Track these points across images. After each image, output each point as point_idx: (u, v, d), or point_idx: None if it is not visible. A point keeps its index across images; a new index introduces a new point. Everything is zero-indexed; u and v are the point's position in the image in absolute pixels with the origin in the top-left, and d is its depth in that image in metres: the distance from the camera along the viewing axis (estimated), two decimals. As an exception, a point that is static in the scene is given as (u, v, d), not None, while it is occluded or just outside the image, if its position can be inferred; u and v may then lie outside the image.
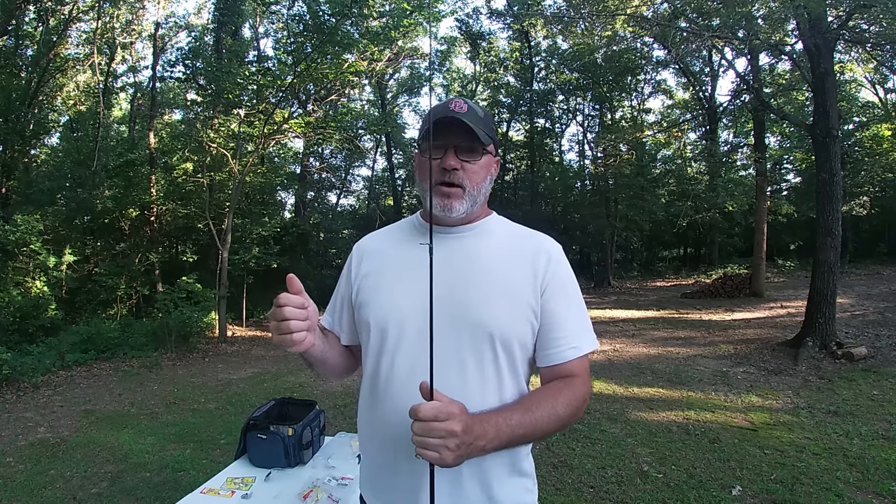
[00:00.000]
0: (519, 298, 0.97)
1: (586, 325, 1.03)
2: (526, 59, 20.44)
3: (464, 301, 0.95)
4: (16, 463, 3.86)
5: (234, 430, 4.11)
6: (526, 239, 1.05)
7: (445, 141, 0.98)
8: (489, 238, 1.04)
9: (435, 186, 0.99)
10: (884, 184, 16.66)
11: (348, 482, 1.88)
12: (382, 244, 1.11)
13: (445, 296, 0.93)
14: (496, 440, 0.84)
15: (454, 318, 0.94)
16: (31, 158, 13.91)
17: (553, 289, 0.99)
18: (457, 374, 0.93)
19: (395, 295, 1.00)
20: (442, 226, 1.04)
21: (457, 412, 0.79)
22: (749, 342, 7.16)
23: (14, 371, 6.13)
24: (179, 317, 8.82)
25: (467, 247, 1.02)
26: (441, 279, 0.93)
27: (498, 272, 0.98)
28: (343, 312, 1.12)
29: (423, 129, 1.02)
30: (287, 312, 0.86)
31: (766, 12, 7.06)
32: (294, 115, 11.82)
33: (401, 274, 1.02)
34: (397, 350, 0.97)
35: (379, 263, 1.07)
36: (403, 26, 10.03)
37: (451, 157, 0.98)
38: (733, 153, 18.24)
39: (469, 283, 0.97)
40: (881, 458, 3.26)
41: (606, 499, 2.94)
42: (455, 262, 1.00)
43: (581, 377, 0.98)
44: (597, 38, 12.21)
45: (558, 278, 1.01)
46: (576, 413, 0.95)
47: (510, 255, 1.01)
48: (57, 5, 11.58)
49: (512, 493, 0.99)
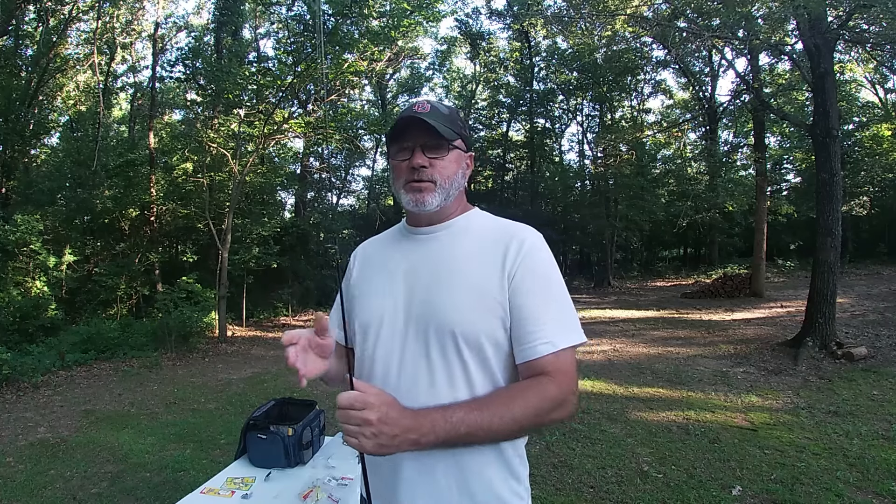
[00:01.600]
0: (486, 294, 0.94)
1: (565, 318, 0.96)
2: (526, 59, 20.43)
3: (429, 301, 0.97)
4: (16, 463, 3.86)
5: (234, 430, 4.11)
6: (500, 232, 1.01)
7: (412, 142, 1.00)
8: (464, 235, 1.04)
9: (406, 184, 1.01)
10: (884, 184, 16.68)
11: (348, 482, 1.88)
12: (371, 251, 1.15)
13: (416, 297, 0.98)
14: (432, 435, 0.83)
15: (420, 319, 0.97)
16: (31, 158, 13.92)
17: (521, 280, 0.94)
18: (426, 374, 0.94)
19: (373, 298, 1.04)
20: (419, 226, 1.06)
21: (374, 402, 0.80)
22: (749, 342, 7.16)
23: (14, 371, 6.13)
24: (179, 317, 8.82)
25: (441, 246, 1.03)
26: (413, 281, 1.00)
27: (466, 269, 0.97)
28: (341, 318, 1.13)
29: (388, 134, 1.04)
30: (289, 353, 0.89)
31: (766, 12, 7.05)
32: (294, 115, 11.82)
33: (380, 278, 1.06)
34: (375, 351, 1.01)
35: (367, 270, 1.11)
36: (403, 26, 10.04)
37: (419, 156, 0.99)
38: (733, 153, 18.26)
39: (437, 283, 0.98)
40: (881, 458, 3.25)
41: (606, 499, 2.94)
42: (428, 263, 1.02)
43: (554, 375, 0.91)
44: (597, 38, 12.22)
45: (528, 269, 0.95)
46: (541, 415, 0.89)
47: (481, 251, 0.99)
48: (57, 5, 11.58)
49: (498, 493, 0.96)
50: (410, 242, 1.07)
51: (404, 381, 0.95)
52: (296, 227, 14.91)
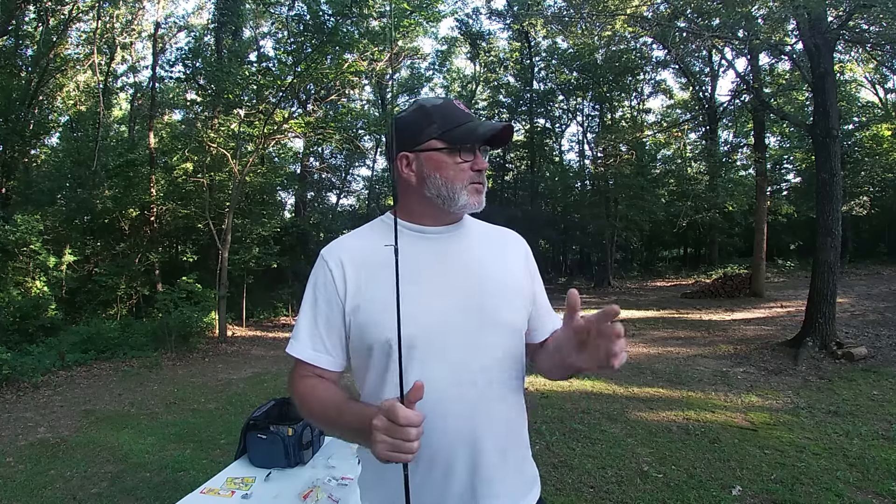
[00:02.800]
0: (525, 291, 1.07)
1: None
2: (526, 59, 20.43)
3: (487, 305, 0.99)
4: (16, 463, 3.86)
5: (234, 430, 4.11)
6: (505, 234, 1.15)
7: (481, 146, 1.04)
8: (474, 234, 1.09)
9: (470, 185, 1.01)
10: (884, 184, 16.68)
11: (348, 482, 1.88)
12: (365, 253, 1.00)
13: (472, 302, 0.98)
14: None
15: (484, 322, 0.98)
16: (31, 158, 13.90)
17: (535, 277, 1.13)
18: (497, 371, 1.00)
19: (427, 300, 0.95)
20: (433, 226, 1.03)
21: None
22: (749, 342, 7.16)
23: (14, 371, 6.13)
24: (179, 317, 8.81)
25: (468, 245, 1.05)
26: (456, 285, 0.98)
27: (502, 270, 1.05)
28: (331, 338, 1.00)
29: (443, 125, 0.99)
30: (415, 434, 0.78)
31: (766, 12, 7.05)
32: (294, 115, 11.82)
33: (418, 281, 0.96)
34: (425, 362, 0.92)
35: (371, 275, 0.98)
36: (403, 26, 10.04)
37: (482, 160, 1.03)
38: (733, 153, 18.25)
39: (485, 285, 1.01)
40: (881, 458, 3.25)
41: (606, 499, 2.94)
42: (463, 263, 1.02)
43: None
44: (597, 38, 12.22)
45: (535, 267, 1.15)
46: None
47: (504, 251, 1.10)
48: (57, 5, 11.58)
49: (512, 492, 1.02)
50: (428, 242, 1.02)
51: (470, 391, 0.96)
52: (296, 227, 14.92)
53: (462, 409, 0.94)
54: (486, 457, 0.96)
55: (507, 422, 1.01)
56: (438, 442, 0.93)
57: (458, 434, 0.94)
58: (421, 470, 0.94)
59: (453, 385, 0.94)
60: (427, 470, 0.94)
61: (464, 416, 0.94)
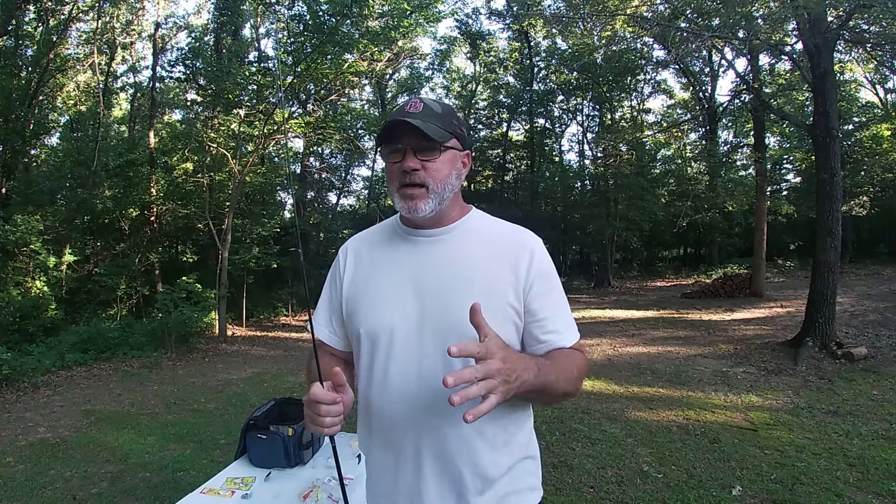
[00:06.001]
0: (500, 301, 0.97)
1: (569, 318, 1.05)
2: (526, 59, 20.43)
3: (445, 311, 0.96)
4: (16, 463, 3.86)
5: (234, 430, 4.11)
6: (505, 237, 1.04)
7: (403, 144, 0.97)
8: (467, 239, 1.04)
9: (399, 189, 0.99)
10: (884, 184, 16.67)
11: (348, 482, 1.88)
12: (365, 250, 1.10)
13: (429, 307, 0.98)
14: (532, 375, 0.85)
15: (438, 330, 0.96)
16: (31, 158, 13.89)
17: (538, 288, 1.00)
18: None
19: (381, 307, 1.01)
20: (420, 228, 1.04)
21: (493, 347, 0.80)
22: (749, 342, 7.16)
23: (14, 371, 6.13)
24: (179, 317, 8.81)
25: (446, 250, 1.02)
26: (423, 289, 0.99)
27: (477, 276, 0.99)
28: (333, 321, 1.12)
29: (378, 135, 1.01)
30: (322, 411, 0.91)
31: (766, 12, 7.05)
32: (294, 115, 11.82)
33: (384, 284, 1.03)
34: (388, 362, 0.99)
35: (364, 270, 1.07)
36: (403, 26, 10.04)
37: (410, 159, 0.97)
38: (733, 153, 18.25)
39: (450, 291, 0.97)
40: (881, 458, 3.25)
41: (606, 499, 2.94)
42: (435, 269, 1.00)
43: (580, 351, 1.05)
44: (596, 38, 12.22)
45: (542, 276, 1.01)
46: (581, 378, 1.01)
47: (490, 257, 1.01)
48: (57, 5, 11.57)
49: (505, 468, 0.99)
50: (410, 245, 1.05)
51: (424, 391, 0.95)
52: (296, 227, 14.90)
53: (415, 407, 0.96)
54: (429, 459, 0.97)
55: (460, 431, 0.95)
56: (393, 432, 0.99)
57: (408, 429, 0.97)
58: (376, 453, 1.04)
59: (410, 383, 0.96)
60: (382, 455, 1.03)
61: (416, 414, 0.96)
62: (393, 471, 1.00)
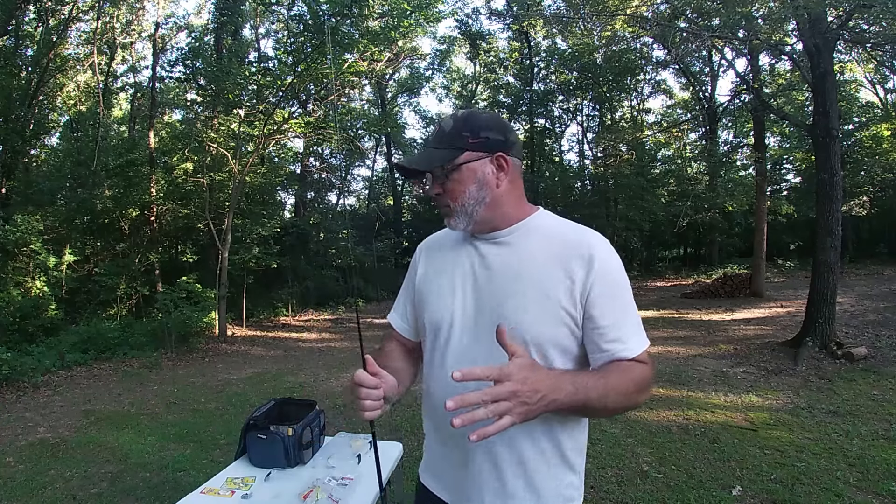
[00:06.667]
0: (553, 303, 0.97)
1: (639, 323, 1.02)
2: (526, 59, 20.42)
3: (499, 308, 1.00)
4: (16, 463, 3.86)
5: (234, 430, 4.11)
6: (565, 239, 1.02)
7: (417, 178, 1.06)
8: (528, 240, 1.04)
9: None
10: (884, 184, 16.66)
11: (348, 482, 1.88)
12: (435, 249, 1.19)
13: (485, 303, 1.02)
14: (564, 395, 0.84)
15: (491, 325, 0.95)
16: (31, 158, 13.88)
17: (599, 293, 0.97)
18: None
19: (442, 299, 1.08)
20: (480, 233, 1.08)
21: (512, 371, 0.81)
22: (749, 342, 7.15)
23: (14, 371, 6.13)
24: (179, 317, 8.82)
25: (505, 252, 1.05)
26: (480, 286, 1.04)
27: (532, 277, 0.99)
28: (408, 311, 1.22)
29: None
30: (362, 394, 0.96)
31: (766, 12, 7.05)
32: (294, 115, 11.82)
33: (446, 280, 1.10)
34: (447, 350, 1.06)
35: (432, 268, 1.16)
36: (403, 26, 10.04)
37: (428, 188, 1.04)
38: (733, 153, 18.24)
39: (504, 291, 1.01)
40: (881, 458, 3.25)
41: (606, 499, 2.94)
42: (492, 269, 1.04)
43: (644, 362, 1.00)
44: (596, 38, 12.23)
45: (605, 281, 0.97)
46: (643, 392, 0.97)
47: (546, 258, 1.00)
48: (57, 5, 11.56)
49: (559, 490, 1.03)
50: (472, 248, 1.09)
51: (474, 388, 0.95)
52: (296, 227, 14.91)
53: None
54: (477, 457, 1.02)
55: (509, 436, 0.97)
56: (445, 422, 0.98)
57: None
58: (431, 436, 1.15)
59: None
60: (435, 438, 1.13)
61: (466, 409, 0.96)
62: (441, 456, 1.10)
